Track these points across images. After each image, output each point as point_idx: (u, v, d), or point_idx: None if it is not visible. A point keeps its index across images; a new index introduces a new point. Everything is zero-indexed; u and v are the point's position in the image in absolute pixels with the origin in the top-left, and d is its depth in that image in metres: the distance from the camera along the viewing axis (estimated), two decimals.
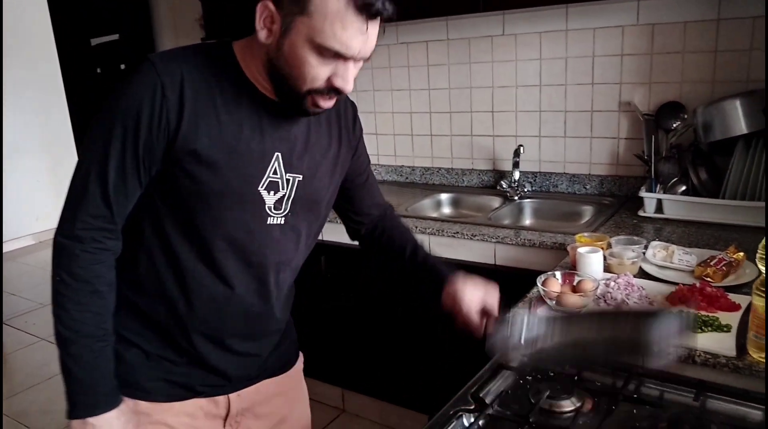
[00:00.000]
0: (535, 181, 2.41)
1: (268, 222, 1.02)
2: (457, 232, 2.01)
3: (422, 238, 2.09)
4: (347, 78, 0.92)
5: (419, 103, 2.62)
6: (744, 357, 1.10)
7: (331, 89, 0.92)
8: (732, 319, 1.22)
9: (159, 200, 0.97)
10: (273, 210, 1.02)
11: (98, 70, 3.87)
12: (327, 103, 0.95)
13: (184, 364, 1.05)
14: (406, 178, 2.75)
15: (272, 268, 1.06)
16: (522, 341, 0.98)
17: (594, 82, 2.20)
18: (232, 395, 1.12)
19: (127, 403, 1.00)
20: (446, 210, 2.51)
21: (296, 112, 0.98)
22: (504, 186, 2.39)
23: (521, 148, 2.31)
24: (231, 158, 0.95)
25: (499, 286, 1.19)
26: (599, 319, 1.06)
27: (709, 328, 1.18)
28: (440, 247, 2.07)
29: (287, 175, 1.02)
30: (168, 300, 1.02)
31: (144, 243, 1.00)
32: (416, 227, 2.09)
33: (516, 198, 2.34)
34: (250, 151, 0.97)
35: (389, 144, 2.76)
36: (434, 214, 2.40)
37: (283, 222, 1.04)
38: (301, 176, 1.04)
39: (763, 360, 1.08)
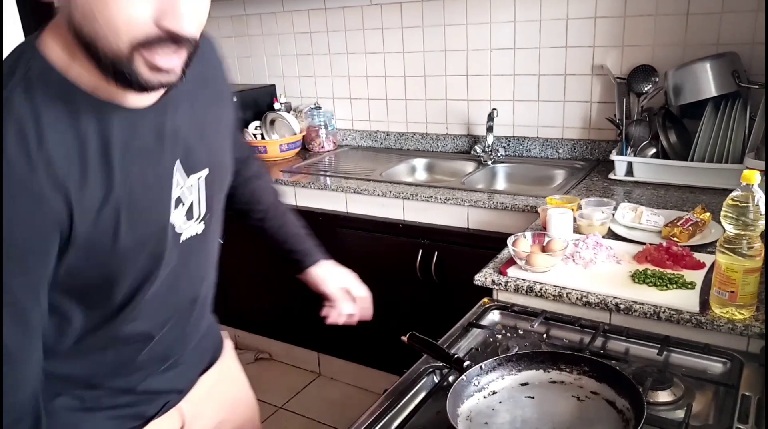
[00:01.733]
0: (508, 145, 2.41)
1: (181, 240, 0.84)
2: (431, 197, 2.01)
3: (396, 203, 2.09)
4: (179, 10, 0.64)
5: (394, 67, 2.58)
6: (706, 312, 1.13)
7: (164, 38, 0.65)
8: (696, 276, 1.24)
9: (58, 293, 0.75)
10: (183, 225, 0.84)
11: None
12: (169, 61, 0.67)
13: (122, 399, 0.91)
14: (381, 143, 2.73)
15: (199, 284, 0.94)
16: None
17: (567, 45, 2.19)
18: (181, 404, 1.00)
19: None
20: (421, 175, 2.51)
21: (138, 86, 0.68)
22: (478, 151, 2.39)
23: (495, 112, 2.30)
24: (130, 210, 0.74)
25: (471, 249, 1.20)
26: None
27: (674, 286, 1.21)
28: (414, 211, 2.08)
29: (190, 179, 0.83)
30: (88, 364, 0.86)
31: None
32: (390, 192, 2.09)
33: (490, 163, 2.35)
34: (147, 186, 0.76)
35: (363, 109, 2.72)
36: (409, 180, 2.40)
37: (203, 227, 0.88)
38: (206, 170, 0.86)
39: (725, 315, 1.11)
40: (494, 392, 0.91)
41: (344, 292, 1.22)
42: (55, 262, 0.70)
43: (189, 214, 0.85)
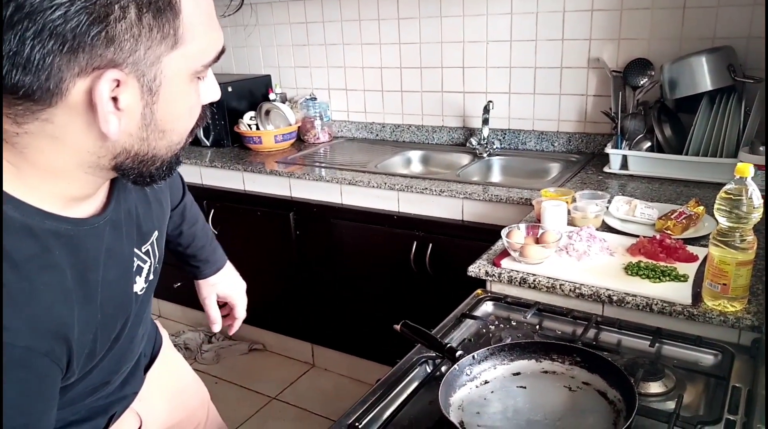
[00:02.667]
0: (504, 138, 2.41)
1: (140, 299, 0.82)
2: (426, 189, 2.01)
3: (391, 195, 2.09)
4: (214, 82, 0.70)
5: (390, 58, 2.57)
6: (699, 305, 1.13)
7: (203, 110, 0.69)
8: (689, 269, 1.25)
9: None
10: (143, 284, 0.82)
11: None
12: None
13: (85, 418, 0.85)
14: (377, 135, 2.73)
15: (147, 318, 0.92)
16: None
17: (564, 37, 2.19)
18: (134, 404, 0.97)
19: None
20: (416, 167, 2.51)
21: (172, 171, 0.70)
22: (473, 143, 2.39)
23: (491, 104, 2.30)
24: (108, 316, 0.72)
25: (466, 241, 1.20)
26: None
27: (667, 278, 1.21)
28: (409, 203, 2.08)
29: (144, 248, 0.81)
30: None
31: None
32: (385, 184, 2.08)
33: (485, 155, 2.34)
34: (121, 287, 0.75)
35: (359, 100, 2.72)
36: (404, 172, 2.39)
37: (148, 283, 0.84)
38: (156, 232, 0.85)
39: (717, 307, 1.11)
40: (486, 382, 0.92)
41: (234, 303, 1.20)
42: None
43: (147, 276, 0.82)
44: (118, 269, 0.74)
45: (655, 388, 0.96)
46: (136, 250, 0.79)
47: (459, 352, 0.93)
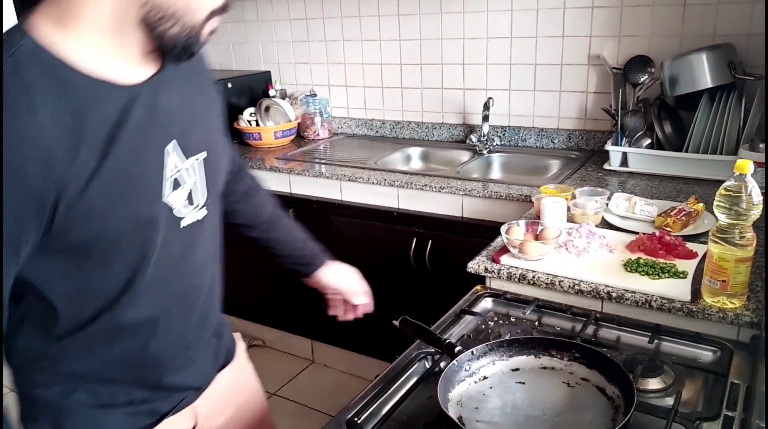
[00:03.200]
0: (504, 135, 2.41)
1: (182, 226, 0.84)
2: (426, 185, 2.01)
3: (391, 192, 2.09)
4: None
5: (390, 55, 2.57)
6: (698, 301, 1.14)
7: (227, 5, 0.77)
8: (689, 266, 1.25)
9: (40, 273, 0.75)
10: (184, 210, 0.83)
11: None
12: (216, 26, 0.78)
13: (138, 396, 0.90)
14: (377, 131, 2.73)
15: (204, 272, 0.92)
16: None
17: (564, 34, 2.18)
18: (196, 403, 0.99)
19: None
20: (416, 164, 2.50)
21: (191, 53, 0.76)
22: (473, 140, 2.39)
23: (491, 101, 2.29)
24: (121, 186, 0.73)
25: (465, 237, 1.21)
26: None
27: (667, 275, 1.21)
28: (409, 200, 2.08)
29: (188, 161, 0.83)
30: (97, 357, 0.85)
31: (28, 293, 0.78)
32: (385, 180, 2.08)
33: (485, 152, 2.34)
34: (140, 162, 0.75)
35: (359, 96, 2.71)
36: (404, 168, 2.39)
37: (204, 215, 0.87)
38: (204, 153, 0.86)
39: (716, 304, 1.11)
40: (485, 377, 0.92)
41: (349, 291, 1.27)
42: (37, 238, 0.70)
43: (190, 200, 0.84)
44: (143, 148, 0.76)
45: (653, 384, 0.96)
46: (173, 152, 0.80)
47: (458, 348, 0.93)
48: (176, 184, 0.81)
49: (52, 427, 0.85)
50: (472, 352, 0.92)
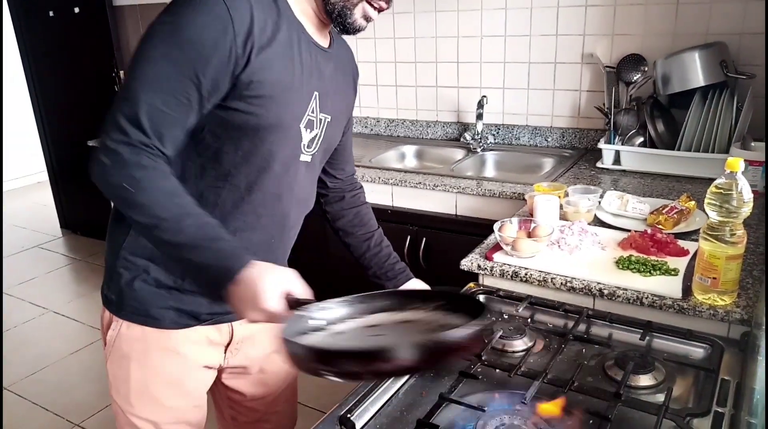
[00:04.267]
0: (498, 133, 2.41)
1: (300, 158, 1.04)
2: (420, 183, 2.01)
3: (385, 190, 2.09)
4: None
5: (384, 53, 2.57)
6: (689, 298, 1.14)
7: None
8: (680, 263, 1.25)
9: (208, 131, 0.94)
10: (306, 148, 1.04)
11: (51, 14, 3.68)
12: (375, 13, 0.98)
13: (192, 293, 1.04)
14: (371, 129, 2.73)
15: (294, 203, 1.09)
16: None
17: (558, 33, 2.19)
18: (235, 323, 1.12)
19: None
20: (410, 162, 2.51)
21: (343, 28, 0.98)
22: (467, 138, 2.39)
23: (485, 100, 2.30)
24: (284, 94, 0.95)
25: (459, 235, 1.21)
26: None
27: (658, 272, 1.22)
28: (403, 197, 2.08)
29: (321, 114, 1.04)
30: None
31: (186, 167, 0.96)
32: (379, 178, 2.08)
33: (479, 150, 2.35)
34: (300, 88, 0.98)
35: None
36: (398, 166, 2.39)
37: (309, 160, 1.07)
38: (329, 117, 1.06)
39: (707, 301, 1.12)
40: (339, 334, 0.82)
41: None
42: (219, 98, 0.90)
43: (310, 143, 1.04)
44: (304, 81, 0.98)
45: (645, 380, 0.97)
46: (314, 100, 1.01)
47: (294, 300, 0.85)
48: (309, 125, 1.02)
49: (117, 296, 1.05)
50: (318, 305, 0.83)
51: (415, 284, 1.28)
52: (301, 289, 0.90)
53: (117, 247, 1.03)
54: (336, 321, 0.84)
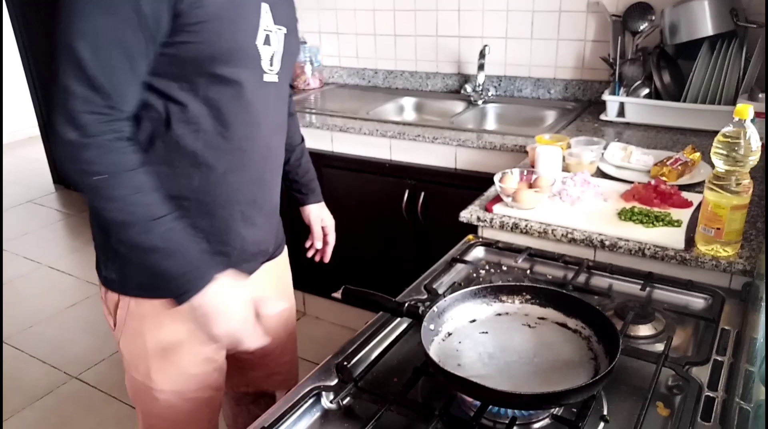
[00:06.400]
0: (499, 85, 2.36)
1: (264, 79, 0.99)
2: (419, 136, 1.97)
3: (383, 143, 2.05)
4: None
5: (382, 0, 2.48)
6: (691, 250, 1.13)
7: None
8: (683, 215, 1.23)
9: (163, 74, 0.89)
10: (269, 66, 0.99)
11: None
12: None
13: (215, 238, 1.01)
14: (369, 81, 2.66)
15: (273, 129, 1.06)
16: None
17: None
18: (257, 272, 1.13)
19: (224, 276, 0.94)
20: (409, 115, 2.46)
21: None
22: (468, 90, 2.34)
23: (487, 49, 2.23)
24: (230, 11, 0.89)
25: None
26: None
27: (661, 223, 1.20)
28: (401, 151, 2.04)
29: (276, 26, 0.98)
30: (188, 174, 0.96)
31: (155, 123, 0.92)
32: (377, 131, 2.04)
33: (480, 102, 2.30)
34: (244, 3, 0.92)
35: (351, 44, 2.64)
36: (396, 119, 2.35)
37: (277, 80, 1.01)
38: (285, 29, 1.01)
39: (710, 252, 1.10)
40: (449, 334, 0.89)
41: (322, 232, 1.41)
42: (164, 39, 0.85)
43: (272, 61, 0.99)
44: None
45: (644, 330, 0.96)
46: (265, 12, 0.95)
47: (421, 309, 0.88)
48: (267, 41, 0.96)
49: (118, 274, 1.01)
50: (434, 310, 0.88)
51: (320, 210, 1.38)
52: (271, 302, 0.94)
53: (106, 224, 0.97)
54: (443, 322, 0.90)
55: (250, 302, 0.95)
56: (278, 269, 1.25)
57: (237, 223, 1.04)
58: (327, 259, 1.45)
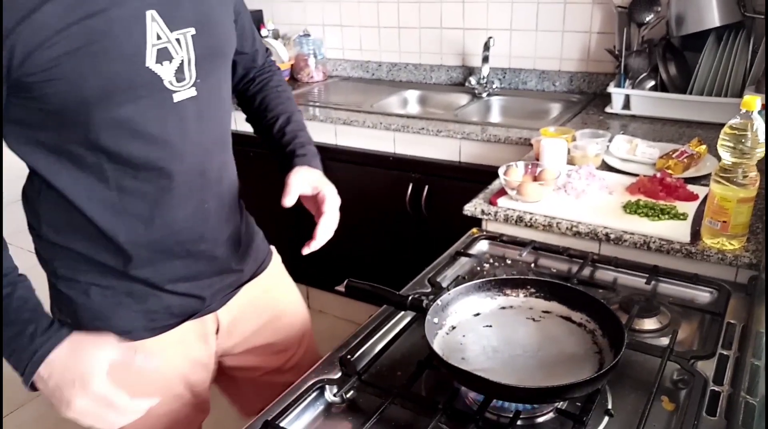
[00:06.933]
0: (504, 77, 2.34)
1: (175, 100, 0.82)
2: (423, 128, 1.96)
3: (387, 136, 2.05)
4: None
5: None
6: (697, 243, 1.12)
7: None
8: (689, 208, 1.23)
9: (37, 126, 0.77)
10: (175, 83, 0.82)
11: None
12: None
13: (153, 295, 0.92)
14: (373, 74, 2.65)
15: (204, 151, 0.89)
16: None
17: None
18: (218, 311, 1.01)
19: (78, 333, 0.82)
20: (413, 108, 2.45)
21: None
22: (473, 82, 2.32)
23: (491, 41, 2.22)
24: (93, 45, 0.73)
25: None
26: None
27: (666, 216, 1.19)
28: (405, 144, 2.03)
29: (174, 33, 0.81)
30: (95, 238, 0.86)
31: (39, 185, 0.84)
32: (381, 124, 2.03)
33: (484, 95, 2.28)
34: (113, 24, 0.74)
35: (355, 37, 2.63)
36: (400, 112, 2.34)
37: (195, 93, 0.85)
38: (192, 29, 0.83)
39: (716, 245, 1.10)
40: (453, 327, 0.88)
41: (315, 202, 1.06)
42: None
43: (180, 74, 0.82)
44: (110, 9, 0.74)
45: (649, 324, 0.95)
46: (152, 22, 0.78)
47: (425, 303, 0.88)
48: (163, 56, 0.80)
49: (72, 319, 0.90)
50: (437, 304, 0.87)
51: (304, 172, 1.01)
52: (119, 354, 0.81)
53: (53, 268, 0.90)
54: (447, 315, 0.89)
55: (119, 359, 0.82)
56: (265, 285, 1.10)
57: (188, 263, 0.93)
58: (321, 237, 1.02)
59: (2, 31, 0.68)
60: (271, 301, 1.12)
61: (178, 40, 0.81)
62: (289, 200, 0.97)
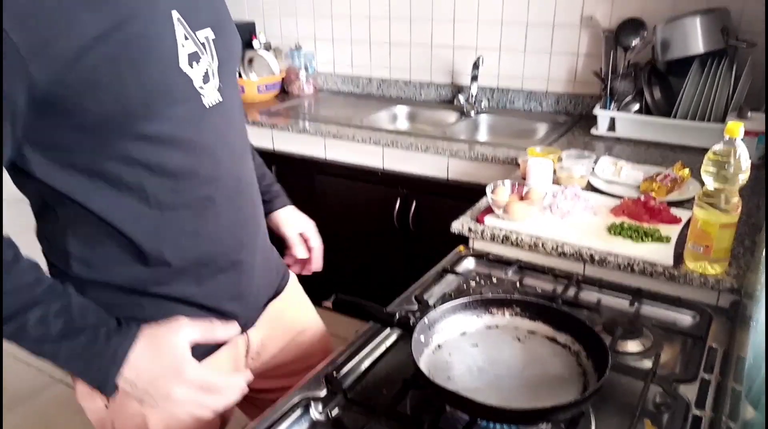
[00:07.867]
0: (492, 96, 2.37)
1: (206, 106, 0.81)
2: (411, 145, 1.98)
3: (376, 151, 2.06)
4: None
5: (378, 7, 2.49)
6: (680, 266, 1.13)
7: None
8: (672, 231, 1.24)
9: (72, 149, 0.74)
10: (204, 87, 0.80)
11: None
12: None
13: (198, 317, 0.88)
14: (363, 89, 2.67)
15: (236, 157, 0.89)
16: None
17: None
18: (249, 331, 0.98)
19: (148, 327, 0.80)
20: (402, 124, 2.46)
21: None
22: (461, 101, 2.35)
23: (480, 60, 2.25)
24: (132, 50, 0.70)
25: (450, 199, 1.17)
26: None
27: (650, 239, 1.21)
28: (394, 159, 2.05)
29: (197, 33, 0.79)
30: (135, 263, 0.82)
31: (65, 220, 0.80)
32: (370, 139, 2.04)
33: (472, 113, 2.31)
34: (148, 26, 0.72)
35: (346, 52, 2.64)
36: (390, 127, 2.35)
37: (221, 98, 0.83)
38: (210, 30, 0.82)
39: (698, 269, 1.11)
40: (439, 346, 0.89)
41: (301, 239, 1.18)
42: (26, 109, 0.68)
43: (206, 78, 0.80)
44: (139, 9, 0.72)
45: (632, 346, 0.96)
46: (177, 22, 0.76)
47: (412, 321, 0.88)
48: (191, 58, 0.78)
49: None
50: (425, 321, 0.87)
51: (291, 214, 1.15)
52: (197, 330, 0.80)
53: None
54: (433, 334, 0.88)
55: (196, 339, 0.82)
56: (288, 300, 1.09)
57: (231, 275, 0.90)
58: (318, 266, 1.21)
59: (30, 47, 0.64)
60: (293, 317, 1.10)
61: (203, 43, 0.80)
62: (300, 252, 1.16)
